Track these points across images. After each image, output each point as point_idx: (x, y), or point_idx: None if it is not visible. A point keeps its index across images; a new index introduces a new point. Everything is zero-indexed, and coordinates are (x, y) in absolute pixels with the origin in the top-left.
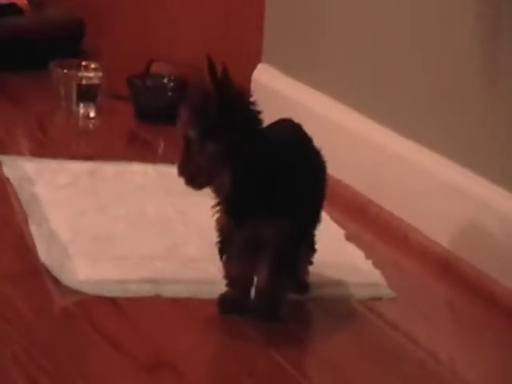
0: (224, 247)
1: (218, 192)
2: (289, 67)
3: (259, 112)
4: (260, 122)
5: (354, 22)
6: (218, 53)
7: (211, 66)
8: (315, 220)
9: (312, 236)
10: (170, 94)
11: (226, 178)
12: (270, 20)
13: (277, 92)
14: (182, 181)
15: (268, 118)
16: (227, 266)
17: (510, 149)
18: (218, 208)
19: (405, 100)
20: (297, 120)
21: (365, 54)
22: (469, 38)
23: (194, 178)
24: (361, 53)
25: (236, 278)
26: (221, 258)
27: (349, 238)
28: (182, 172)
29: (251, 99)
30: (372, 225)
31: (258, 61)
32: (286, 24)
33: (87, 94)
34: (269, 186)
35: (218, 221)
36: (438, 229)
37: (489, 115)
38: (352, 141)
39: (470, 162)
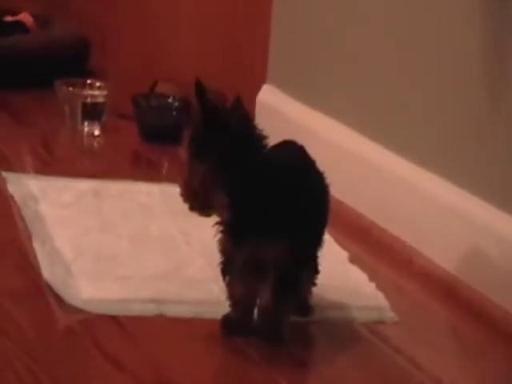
0: (226, 268)
1: (219, 213)
2: (294, 89)
3: (262, 135)
4: (259, 143)
5: (360, 45)
6: (224, 73)
7: (199, 88)
8: (318, 242)
9: (315, 258)
10: (174, 113)
11: (222, 200)
12: (276, 41)
13: (281, 113)
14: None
15: (272, 139)
16: (230, 286)
17: None
18: (220, 229)
19: (409, 123)
20: (300, 142)
21: (370, 77)
22: (476, 61)
23: (193, 203)
24: (366, 76)
25: (239, 299)
26: (223, 278)
27: (352, 260)
28: (185, 198)
29: (252, 122)
30: (375, 247)
31: (263, 82)
32: (292, 45)
33: (92, 112)
34: (267, 206)
35: (219, 241)
36: (442, 252)
37: (492, 139)
38: (356, 163)
39: (474, 187)
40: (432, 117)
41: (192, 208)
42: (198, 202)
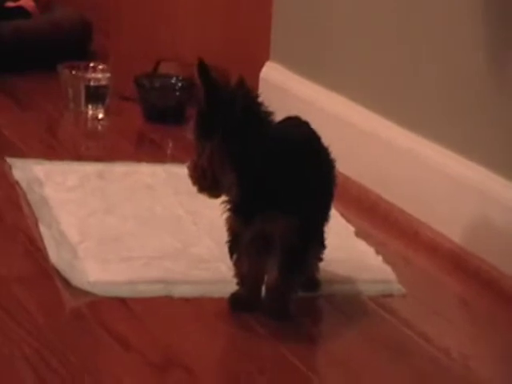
0: (234, 246)
1: (227, 192)
2: (297, 65)
3: (267, 111)
4: (265, 120)
5: (362, 19)
6: (226, 51)
7: (202, 68)
8: (324, 217)
9: (322, 233)
10: (177, 93)
11: (230, 177)
12: (278, 18)
13: (285, 90)
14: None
15: (276, 116)
16: (237, 264)
17: None
18: (228, 207)
19: (414, 95)
20: (305, 117)
21: (373, 51)
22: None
23: (202, 183)
24: (369, 49)
25: (246, 277)
26: (231, 257)
27: (359, 234)
28: (193, 180)
29: (257, 99)
30: (382, 221)
31: (266, 59)
32: (294, 22)
33: (95, 95)
34: (275, 182)
35: (227, 220)
36: (449, 224)
37: (498, 110)
38: (361, 137)
39: (481, 157)
40: (438, 89)
41: (201, 190)
42: (207, 182)
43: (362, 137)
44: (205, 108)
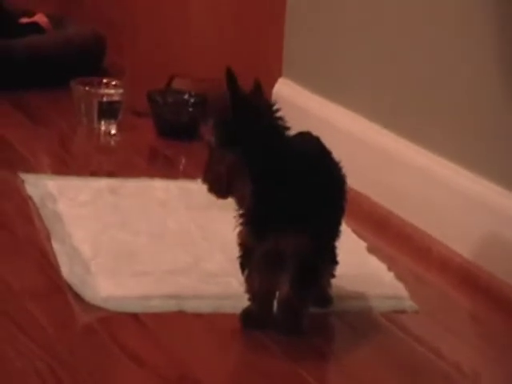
0: (245, 261)
1: (240, 204)
2: (309, 81)
3: (285, 126)
4: (284, 135)
5: (374, 37)
6: (239, 67)
7: (230, 77)
8: (336, 233)
9: (333, 249)
10: (190, 109)
11: (247, 190)
12: (290, 34)
13: (297, 106)
14: (204, 194)
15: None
16: (249, 280)
17: None
18: (240, 221)
19: (425, 112)
20: (317, 133)
21: (385, 68)
22: (490, 52)
23: (214, 186)
24: (381, 67)
25: (258, 293)
26: (242, 272)
27: (370, 250)
28: (205, 179)
29: (277, 113)
30: (394, 237)
31: (279, 75)
32: (306, 38)
33: (108, 111)
34: (290, 198)
35: (239, 234)
36: (460, 240)
37: (509, 127)
38: (372, 153)
39: (492, 173)
40: (450, 106)
41: (211, 189)
42: (221, 187)
43: (373, 153)
44: (231, 116)
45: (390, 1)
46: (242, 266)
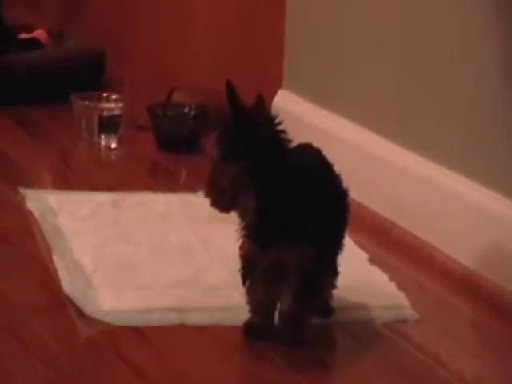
0: (247, 273)
1: (242, 216)
2: (309, 93)
3: (287, 139)
4: (286, 147)
5: (374, 48)
6: (239, 79)
7: (230, 89)
8: (339, 245)
9: (335, 260)
10: (191, 122)
11: (250, 202)
12: (290, 46)
13: (298, 117)
14: (205, 206)
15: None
16: (250, 292)
17: None
18: (243, 233)
19: (424, 121)
20: (317, 144)
21: (386, 79)
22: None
23: (217, 200)
24: (382, 78)
25: (259, 304)
26: (244, 284)
27: (372, 260)
28: (208, 193)
29: (279, 125)
30: (395, 247)
31: (279, 87)
32: (307, 49)
33: (108, 125)
34: (293, 211)
35: (241, 246)
36: (462, 249)
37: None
38: (373, 164)
39: (494, 182)
40: (451, 116)
41: (213, 203)
42: (224, 201)
43: (374, 163)
44: (234, 130)
45: (390, 13)
46: (244, 278)
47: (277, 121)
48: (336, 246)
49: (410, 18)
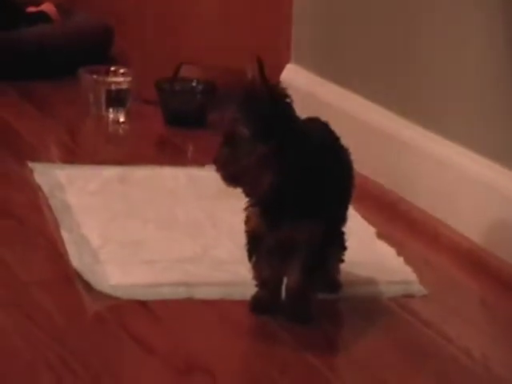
0: (253, 249)
1: (252, 193)
2: (317, 67)
3: (298, 118)
4: (298, 122)
5: (384, 21)
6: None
7: (261, 67)
8: (343, 218)
9: (342, 234)
10: (198, 97)
11: (266, 180)
12: (298, 20)
13: (306, 92)
14: (213, 182)
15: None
16: (256, 267)
17: None
18: (250, 209)
19: (436, 97)
20: (325, 118)
21: (395, 54)
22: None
23: (238, 177)
24: (392, 52)
25: (266, 280)
26: (249, 259)
27: (380, 235)
28: (223, 167)
29: (293, 107)
30: (402, 222)
31: (287, 61)
32: (315, 23)
33: (116, 99)
34: (306, 187)
35: (247, 223)
36: (469, 224)
37: None
38: (381, 139)
39: (501, 157)
40: (459, 91)
41: (229, 179)
42: (245, 179)
43: (382, 138)
44: (268, 109)
45: None
46: (250, 253)
47: (290, 99)
48: (342, 219)
49: None
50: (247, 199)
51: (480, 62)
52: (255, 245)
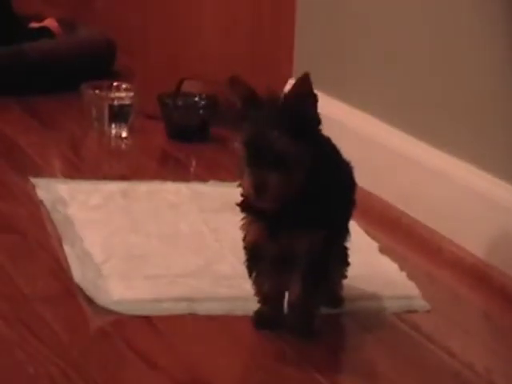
0: (253, 265)
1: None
2: (320, 82)
3: None
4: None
5: (385, 37)
6: (250, 69)
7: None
8: (345, 231)
9: (345, 249)
10: (201, 112)
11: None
12: (301, 35)
13: None
14: (216, 196)
15: None
16: (257, 283)
17: None
18: (248, 223)
19: (436, 111)
20: (326, 133)
21: (396, 69)
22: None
23: (260, 195)
24: (392, 67)
25: (268, 295)
26: (250, 276)
27: (382, 250)
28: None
29: None
30: (405, 237)
31: (289, 76)
32: (317, 39)
33: (119, 114)
34: (313, 199)
35: (246, 237)
36: (472, 239)
37: None
38: (384, 154)
39: (504, 172)
40: (460, 105)
41: (274, 201)
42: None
43: (384, 153)
44: (318, 121)
45: (399, 1)
46: (250, 269)
47: None
48: (343, 233)
49: (420, 5)
50: (245, 212)
51: (486, 76)
52: (255, 260)
